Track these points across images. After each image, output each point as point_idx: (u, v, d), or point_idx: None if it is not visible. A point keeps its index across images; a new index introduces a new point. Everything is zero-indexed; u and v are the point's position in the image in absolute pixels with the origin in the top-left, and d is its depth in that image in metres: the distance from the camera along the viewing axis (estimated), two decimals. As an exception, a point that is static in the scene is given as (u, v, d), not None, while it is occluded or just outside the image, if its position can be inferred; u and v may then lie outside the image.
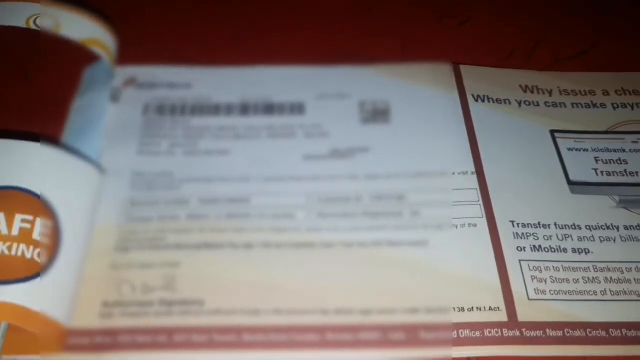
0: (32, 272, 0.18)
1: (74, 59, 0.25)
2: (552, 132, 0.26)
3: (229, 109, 0.26)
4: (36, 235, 0.19)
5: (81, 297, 0.21)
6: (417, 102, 0.26)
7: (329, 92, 0.27)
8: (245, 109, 0.26)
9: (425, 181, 0.24)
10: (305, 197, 0.24)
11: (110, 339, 0.20)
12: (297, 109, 0.26)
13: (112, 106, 0.26)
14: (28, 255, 0.19)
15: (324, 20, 0.29)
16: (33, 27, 0.23)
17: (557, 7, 0.31)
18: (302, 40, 0.28)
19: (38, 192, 0.20)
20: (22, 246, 0.19)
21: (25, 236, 0.19)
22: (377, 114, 0.26)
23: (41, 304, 0.18)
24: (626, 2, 0.31)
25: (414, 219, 0.23)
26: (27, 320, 0.18)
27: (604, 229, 0.23)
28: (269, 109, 0.26)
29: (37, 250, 0.19)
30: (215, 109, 0.26)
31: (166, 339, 0.20)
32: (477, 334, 0.20)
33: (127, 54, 0.27)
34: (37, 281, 0.18)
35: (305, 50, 0.28)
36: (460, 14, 0.30)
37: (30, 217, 0.19)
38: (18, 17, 0.23)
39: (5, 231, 0.18)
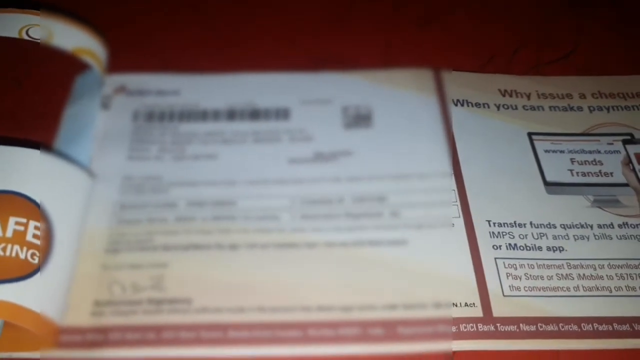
0: (26, 272, 0.19)
1: (66, 67, 0.26)
2: (530, 134, 0.27)
3: (216, 115, 0.27)
4: (29, 237, 0.20)
5: (73, 296, 0.22)
6: (399, 107, 0.27)
7: (313, 97, 0.28)
8: (231, 115, 0.27)
9: (405, 183, 0.25)
10: (289, 199, 0.24)
11: (101, 336, 0.21)
12: (282, 114, 0.27)
13: (103, 113, 0.27)
14: (22, 256, 0.19)
15: (308, 27, 0.30)
16: (26, 37, 0.24)
17: (537, 13, 0.32)
18: (286, 47, 0.29)
19: (31, 196, 0.21)
20: (16, 247, 0.19)
21: (19, 238, 0.20)
22: (360, 119, 0.27)
23: (35, 303, 0.19)
24: (605, 7, 0.32)
25: (393, 219, 0.24)
26: (22, 318, 0.19)
27: (578, 228, 0.24)
28: (255, 114, 0.27)
29: (31, 251, 0.20)
30: (202, 115, 0.27)
31: (154, 335, 0.21)
32: (453, 328, 0.21)
33: (117, 62, 0.28)
34: (30, 280, 0.19)
35: (289, 56, 0.29)
36: (442, 19, 0.31)
37: (23, 220, 0.20)
38: (11, 28, 0.24)
39: (-1, 233, 0.19)
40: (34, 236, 0.20)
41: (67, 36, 0.25)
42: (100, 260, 0.23)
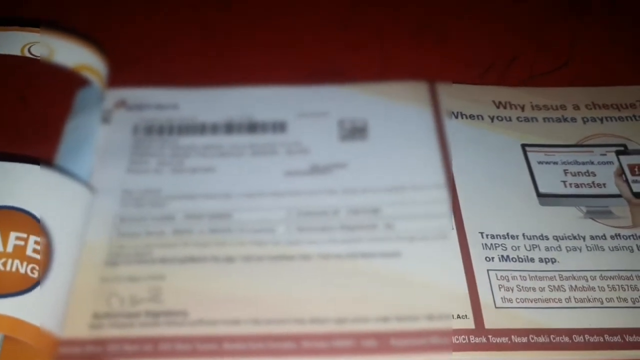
0: (26, 286, 0.20)
1: (67, 83, 0.26)
2: (523, 146, 0.27)
3: (214, 128, 0.28)
4: (29, 252, 0.20)
5: (72, 309, 0.22)
6: (394, 120, 0.28)
7: (309, 110, 0.28)
8: (229, 128, 0.28)
9: (399, 195, 0.25)
10: (285, 211, 0.25)
11: (99, 349, 0.21)
12: (279, 127, 0.28)
13: (104, 127, 0.27)
14: (22, 271, 0.20)
15: (304, 41, 0.31)
16: (28, 54, 0.25)
17: (531, 24, 0.32)
18: (283, 61, 0.30)
19: (32, 211, 0.21)
20: (16, 262, 0.20)
21: (19, 253, 0.20)
22: (355, 132, 0.27)
23: (35, 316, 0.20)
24: (599, 17, 0.32)
25: (387, 232, 0.24)
26: (22, 332, 0.19)
27: (571, 239, 0.24)
28: (252, 127, 0.28)
29: (31, 265, 0.20)
30: (201, 129, 0.28)
31: (152, 348, 0.21)
32: (446, 340, 0.21)
33: (118, 77, 0.28)
34: (30, 294, 0.20)
35: (286, 70, 0.29)
36: (437, 32, 0.32)
37: (24, 235, 0.21)
38: (14, 45, 0.25)
39: (0, 248, 0.20)
40: (34, 251, 0.20)
41: (68, 53, 0.26)
42: (100, 272, 0.23)
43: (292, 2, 0.32)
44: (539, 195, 0.25)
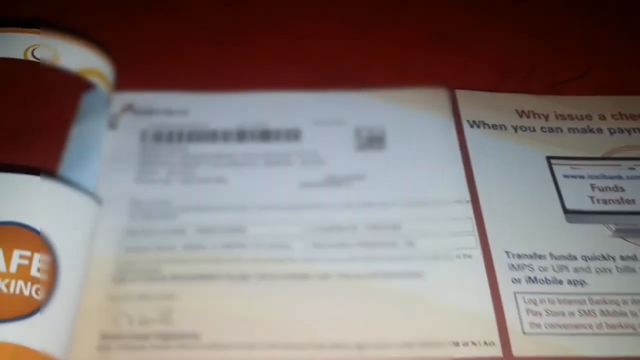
0: (30, 310, 0.19)
1: (72, 87, 0.25)
2: (548, 158, 0.26)
3: (225, 136, 0.26)
4: (34, 272, 0.19)
5: (79, 329, 0.21)
6: (413, 128, 0.26)
7: (324, 117, 0.27)
8: (241, 136, 0.26)
9: (420, 210, 0.24)
10: (301, 226, 0.24)
11: (107, 373, 0.20)
12: (293, 135, 0.26)
13: (110, 133, 0.26)
14: (26, 292, 0.19)
15: (319, 45, 0.29)
16: (31, 58, 0.24)
17: (553, 30, 0.31)
18: (297, 65, 0.28)
19: (36, 226, 0.20)
20: (20, 283, 0.19)
21: (23, 273, 0.19)
22: (373, 141, 0.26)
23: (39, 342, 0.19)
24: (623, 24, 0.31)
25: (409, 250, 0.23)
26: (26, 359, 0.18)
27: (600, 260, 0.23)
28: (265, 135, 0.26)
29: (35, 286, 0.19)
30: (212, 136, 0.26)
31: (162, 372, 0.20)
32: (472, 368, 0.20)
33: (125, 80, 0.27)
34: (35, 318, 0.19)
35: (300, 75, 0.28)
36: (456, 37, 0.30)
37: (28, 253, 0.19)
38: (16, 49, 0.23)
39: (3, 268, 0.19)
40: (39, 270, 0.19)
41: (73, 56, 0.24)
42: (107, 290, 0.22)
43: (307, 5, 0.31)
44: (566, 211, 0.24)
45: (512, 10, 0.32)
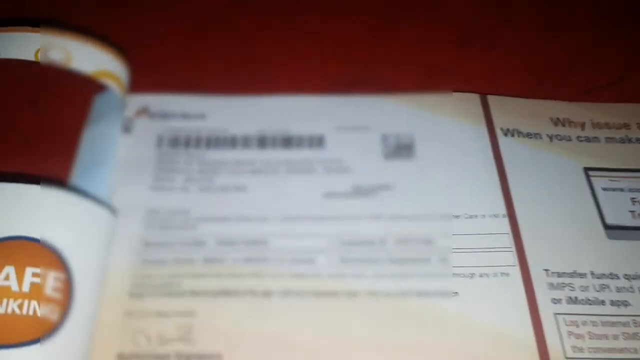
0: (44, 332, 0.17)
1: (84, 89, 0.24)
2: (586, 169, 0.25)
3: (245, 142, 0.25)
4: (48, 290, 0.18)
5: (94, 349, 0.20)
6: (443, 136, 0.25)
7: (349, 123, 0.26)
8: (262, 142, 0.25)
9: (453, 224, 0.23)
10: (326, 239, 0.22)
11: (123, 396, 0.19)
12: (317, 142, 0.25)
13: (124, 137, 0.25)
14: (39, 313, 0.17)
15: (343, 47, 0.28)
16: (42, 59, 0.22)
17: (587, 33, 0.29)
18: (320, 69, 0.27)
19: (48, 241, 0.19)
20: (34, 303, 0.17)
21: (36, 292, 0.18)
22: (401, 149, 0.25)
23: (53, 365, 0.17)
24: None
25: (442, 267, 0.22)
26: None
27: (643, 279, 0.22)
28: (287, 141, 0.25)
29: (49, 306, 0.18)
30: (231, 142, 0.25)
31: (182, 396, 0.19)
32: (510, 395, 0.19)
33: (140, 81, 0.26)
34: (49, 341, 0.17)
35: (323, 78, 0.27)
36: (486, 40, 0.29)
37: (40, 270, 0.18)
38: (26, 49, 0.22)
39: (15, 287, 0.17)
40: (53, 288, 0.18)
41: (86, 58, 0.23)
42: (124, 306, 0.21)
43: (330, 5, 0.29)
44: (606, 227, 0.23)
45: (544, 11, 0.30)
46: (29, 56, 0.22)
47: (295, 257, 0.22)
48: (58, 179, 0.21)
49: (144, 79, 0.26)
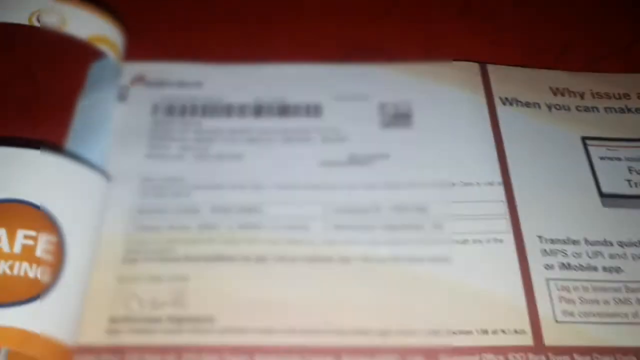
0: (35, 293, 0.17)
1: (80, 56, 0.24)
2: (584, 138, 0.24)
3: (241, 110, 0.25)
4: (40, 252, 0.18)
5: (88, 312, 0.20)
6: (441, 105, 0.25)
7: (347, 92, 0.25)
8: (258, 111, 0.25)
9: (448, 192, 0.23)
10: (321, 206, 0.22)
11: (117, 357, 0.19)
12: (314, 110, 0.25)
13: (120, 105, 0.25)
14: (31, 275, 0.18)
15: (341, 15, 0.28)
16: (36, 23, 0.22)
17: (590, 3, 0.29)
18: (318, 37, 0.27)
19: (40, 204, 0.19)
20: (25, 265, 0.18)
21: (28, 254, 0.18)
22: (398, 118, 0.25)
23: (46, 326, 0.18)
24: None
25: (436, 233, 0.22)
26: (31, 346, 0.17)
27: (637, 246, 0.22)
28: (284, 110, 0.25)
29: (41, 268, 0.18)
30: (227, 110, 0.25)
31: (175, 358, 0.19)
32: (501, 358, 0.19)
33: (135, 49, 0.25)
34: (40, 302, 0.18)
35: (321, 47, 0.26)
36: (486, 9, 0.29)
37: (32, 233, 0.18)
38: (20, 13, 0.22)
39: (7, 249, 0.17)
40: (45, 251, 0.18)
41: (81, 22, 0.23)
42: (117, 271, 0.21)
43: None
44: (602, 195, 0.23)
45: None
46: (23, 20, 0.22)
47: (289, 223, 0.22)
48: (53, 144, 0.21)
49: (140, 46, 0.26)
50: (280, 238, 0.22)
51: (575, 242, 0.22)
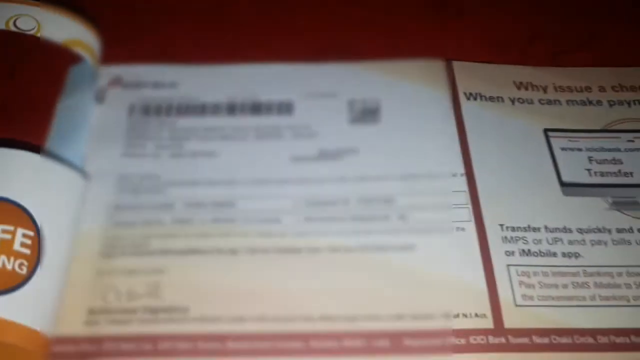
0: (13, 283, 0.18)
1: (58, 60, 0.24)
2: (546, 130, 0.25)
3: (215, 109, 0.26)
4: (17, 246, 0.19)
5: (66, 304, 0.21)
6: (408, 101, 0.26)
7: (317, 90, 0.26)
8: (232, 109, 0.26)
9: (413, 184, 0.24)
10: (292, 200, 0.23)
11: (95, 347, 0.20)
12: (285, 108, 0.26)
13: (98, 107, 0.25)
14: (9, 267, 0.18)
15: (311, 15, 0.28)
16: (13, 28, 0.23)
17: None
18: (289, 36, 0.28)
19: (19, 201, 0.20)
20: (3, 257, 0.18)
21: (5, 247, 0.19)
22: (367, 114, 0.26)
23: (24, 316, 0.18)
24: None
25: (401, 223, 0.23)
26: (10, 334, 0.18)
27: (596, 232, 0.23)
28: (257, 108, 0.26)
29: (19, 261, 0.19)
30: (201, 109, 0.26)
31: (151, 346, 0.20)
32: (462, 341, 0.20)
33: (112, 53, 0.26)
34: (17, 292, 0.18)
35: (292, 46, 0.27)
36: (453, 6, 0.30)
37: (10, 227, 0.19)
38: (-2, 18, 0.23)
39: (-16, 242, 0.18)
40: (22, 245, 0.19)
41: (57, 27, 0.24)
42: (95, 265, 0.22)
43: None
44: (562, 184, 0.24)
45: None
46: (0, 25, 0.23)
47: (261, 217, 0.23)
48: (33, 144, 0.22)
49: (116, 50, 0.26)
50: (252, 231, 0.23)
51: (535, 230, 0.23)
